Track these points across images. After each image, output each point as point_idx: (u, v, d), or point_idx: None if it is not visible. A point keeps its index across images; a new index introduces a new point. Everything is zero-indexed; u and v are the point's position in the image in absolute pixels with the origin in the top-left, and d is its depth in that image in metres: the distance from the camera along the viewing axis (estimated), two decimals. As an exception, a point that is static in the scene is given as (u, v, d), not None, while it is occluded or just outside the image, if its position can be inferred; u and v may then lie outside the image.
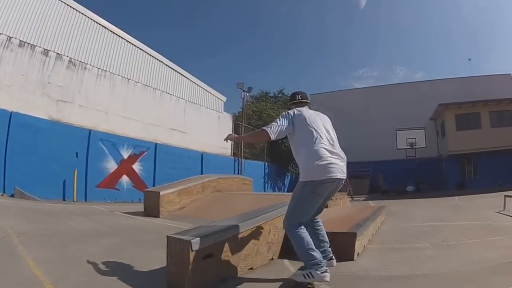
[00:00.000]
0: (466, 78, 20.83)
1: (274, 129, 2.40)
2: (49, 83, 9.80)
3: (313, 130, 2.42)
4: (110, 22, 12.42)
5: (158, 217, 6.20)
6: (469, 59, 47.68)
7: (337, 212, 5.28)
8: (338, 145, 2.51)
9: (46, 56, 9.82)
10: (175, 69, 14.49)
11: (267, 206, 3.38)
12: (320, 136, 2.41)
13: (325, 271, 2.22)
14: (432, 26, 51.76)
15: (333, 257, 2.56)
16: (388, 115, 21.18)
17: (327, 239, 2.57)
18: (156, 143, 12.46)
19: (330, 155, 2.35)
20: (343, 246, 3.00)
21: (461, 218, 6.04)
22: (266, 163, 20.35)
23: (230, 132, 18.26)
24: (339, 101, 22.92)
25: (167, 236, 2.32)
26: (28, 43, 9.53)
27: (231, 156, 17.40)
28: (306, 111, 2.57)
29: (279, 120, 2.47)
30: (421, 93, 21.38)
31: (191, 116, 14.69)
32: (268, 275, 2.60)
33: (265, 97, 25.25)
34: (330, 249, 2.56)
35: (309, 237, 2.34)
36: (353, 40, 58.45)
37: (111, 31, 12.22)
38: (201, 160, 14.51)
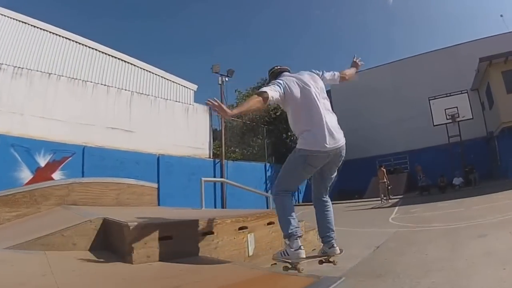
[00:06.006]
0: (507, 34, 14.85)
1: (273, 89, 2.20)
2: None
3: (307, 97, 2.26)
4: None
5: None
6: (501, 15, 39.13)
7: None
8: (331, 111, 2.32)
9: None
10: (116, 56, 11.99)
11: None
12: (315, 103, 2.25)
13: (299, 248, 2.13)
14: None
15: (335, 245, 2.31)
16: (422, 91, 15.84)
17: (333, 226, 2.39)
18: (84, 146, 10.13)
19: (324, 124, 2.19)
20: None
21: None
22: (268, 164, 16.54)
23: (207, 127, 15.47)
24: (363, 83, 18.21)
25: None
26: None
27: (209, 158, 14.19)
28: (294, 77, 2.37)
29: (272, 85, 2.24)
30: (458, 60, 16.00)
31: (141, 110, 12.08)
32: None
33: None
34: (334, 237, 2.35)
35: (291, 205, 2.28)
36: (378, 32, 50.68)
37: (25, 22, 10.38)
38: (157, 164, 11.70)
